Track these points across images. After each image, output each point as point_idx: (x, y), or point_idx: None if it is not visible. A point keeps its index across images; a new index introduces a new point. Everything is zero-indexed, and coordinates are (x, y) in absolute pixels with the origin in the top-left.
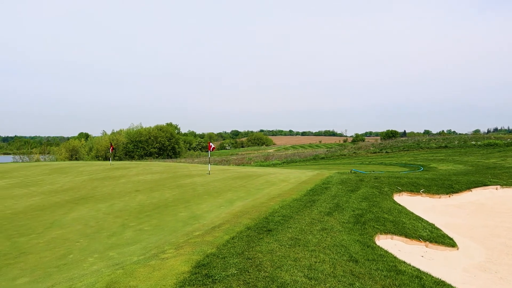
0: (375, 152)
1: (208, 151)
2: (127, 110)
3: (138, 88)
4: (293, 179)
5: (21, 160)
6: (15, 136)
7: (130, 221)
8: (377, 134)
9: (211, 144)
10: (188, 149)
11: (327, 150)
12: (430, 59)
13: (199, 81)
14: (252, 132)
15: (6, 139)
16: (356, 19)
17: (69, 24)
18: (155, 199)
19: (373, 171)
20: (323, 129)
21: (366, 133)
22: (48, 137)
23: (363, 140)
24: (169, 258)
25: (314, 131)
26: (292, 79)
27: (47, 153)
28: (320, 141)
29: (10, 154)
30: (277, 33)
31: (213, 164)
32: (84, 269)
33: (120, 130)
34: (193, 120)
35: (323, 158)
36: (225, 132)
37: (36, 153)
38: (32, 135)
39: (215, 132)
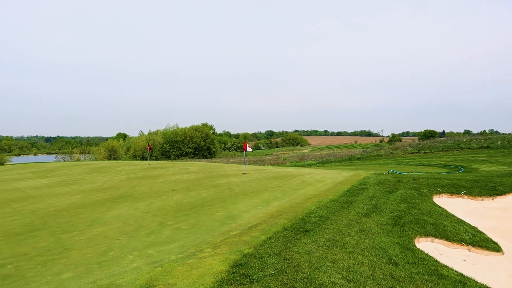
0: (412, 153)
1: (243, 151)
2: (163, 111)
3: (174, 89)
4: (329, 180)
5: (62, 160)
6: (57, 136)
7: (168, 220)
8: (414, 134)
9: (247, 144)
10: (223, 149)
11: (363, 151)
12: (472, 55)
13: (234, 81)
14: (286, 132)
15: (49, 139)
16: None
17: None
18: (192, 198)
19: (411, 172)
20: (358, 129)
21: (403, 133)
22: (88, 137)
23: (400, 141)
24: (206, 257)
25: (349, 131)
26: (332, 76)
27: (87, 153)
28: (355, 141)
29: (52, 153)
30: (302, 30)
31: (248, 164)
32: (124, 266)
33: (157, 131)
34: (228, 121)
35: (359, 158)
36: (260, 132)
37: (77, 153)
38: (73, 136)
39: (250, 132)
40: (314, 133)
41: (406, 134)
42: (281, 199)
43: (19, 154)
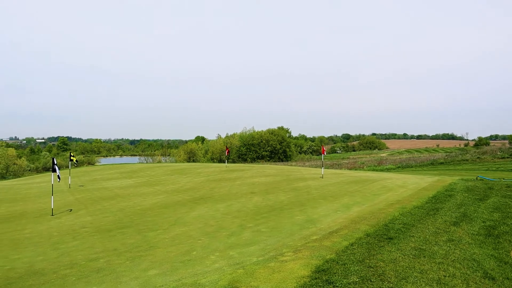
0: (503, 157)
1: (320, 155)
2: (240, 114)
3: (250, 92)
4: (411, 185)
5: (145, 161)
6: (141, 139)
7: (247, 222)
8: (504, 137)
9: (324, 147)
10: (299, 152)
11: (446, 155)
12: None
13: (309, 84)
14: (363, 135)
15: (133, 142)
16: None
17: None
18: (270, 201)
19: (504, 179)
20: (440, 132)
21: (491, 136)
22: (168, 140)
23: (488, 144)
24: (288, 261)
25: (430, 135)
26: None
27: (168, 155)
28: (437, 145)
29: (136, 155)
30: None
31: (325, 168)
32: (207, 266)
33: (234, 134)
34: (304, 124)
35: (442, 163)
36: (336, 135)
37: (158, 155)
38: (155, 139)
39: (326, 135)
40: (393, 136)
41: (495, 137)
42: (362, 204)
43: (106, 156)
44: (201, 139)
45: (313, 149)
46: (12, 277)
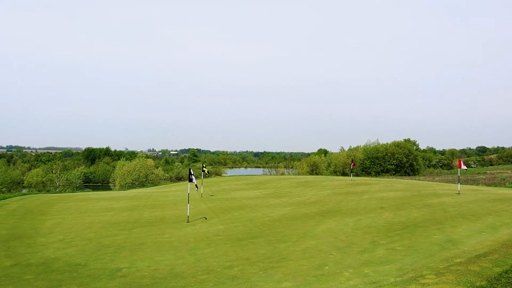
0: None
1: (452, 169)
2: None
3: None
4: None
5: (269, 173)
6: (264, 151)
7: (380, 238)
8: None
9: (461, 161)
10: (427, 166)
11: None
12: None
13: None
14: (503, 148)
15: (257, 154)
16: None
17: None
18: (402, 217)
19: None
20: None
21: None
22: (291, 152)
23: None
24: (430, 284)
25: None
26: None
27: (291, 167)
28: None
29: (260, 167)
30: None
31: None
32: (341, 282)
33: (357, 147)
34: (432, 136)
35: None
36: (469, 148)
37: (281, 167)
38: (278, 151)
39: (457, 148)
40: None
41: None
42: None
43: (232, 167)
44: (324, 152)
45: (443, 162)
46: (157, 277)
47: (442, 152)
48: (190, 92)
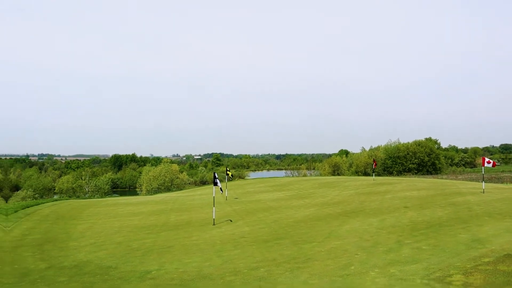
0: None
1: (475, 167)
2: (384, 126)
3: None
4: None
5: (291, 175)
6: (286, 154)
7: (404, 238)
8: None
9: (485, 158)
10: (450, 164)
11: None
12: None
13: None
14: None
15: (279, 157)
16: None
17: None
18: (426, 216)
19: None
20: None
21: None
22: (312, 154)
23: None
24: (458, 284)
25: None
26: None
27: (313, 169)
28: None
29: (282, 169)
30: None
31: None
32: (368, 282)
33: (378, 147)
34: (454, 134)
35: None
36: (492, 146)
37: (303, 169)
38: (299, 153)
39: (480, 146)
40: None
41: None
42: None
43: (255, 170)
44: (345, 153)
45: (465, 161)
46: (186, 279)
47: (465, 151)
48: (212, 97)
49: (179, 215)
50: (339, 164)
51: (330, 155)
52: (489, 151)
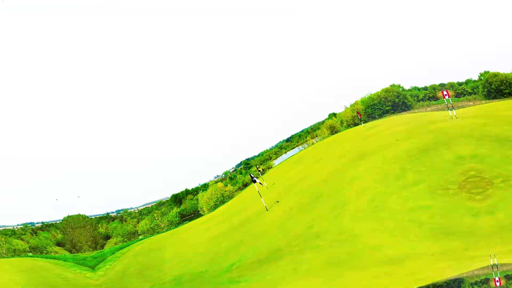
0: None
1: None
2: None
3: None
4: None
5: (303, 148)
6: (291, 135)
7: (405, 165)
8: None
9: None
10: (417, 101)
11: None
12: None
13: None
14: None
15: (288, 140)
16: None
17: None
18: (415, 144)
19: None
20: None
21: None
22: (311, 126)
23: None
24: (455, 194)
25: None
26: None
27: (316, 136)
28: None
29: (295, 147)
30: None
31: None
32: (392, 204)
33: (355, 102)
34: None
35: None
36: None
37: (310, 139)
38: (301, 129)
39: (437, 83)
40: None
41: None
42: None
43: (276, 158)
44: (333, 114)
45: (429, 96)
46: (262, 260)
47: (425, 88)
48: None
49: (241, 215)
50: (334, 125)
51: (323, 122)
52: (444, 86)
